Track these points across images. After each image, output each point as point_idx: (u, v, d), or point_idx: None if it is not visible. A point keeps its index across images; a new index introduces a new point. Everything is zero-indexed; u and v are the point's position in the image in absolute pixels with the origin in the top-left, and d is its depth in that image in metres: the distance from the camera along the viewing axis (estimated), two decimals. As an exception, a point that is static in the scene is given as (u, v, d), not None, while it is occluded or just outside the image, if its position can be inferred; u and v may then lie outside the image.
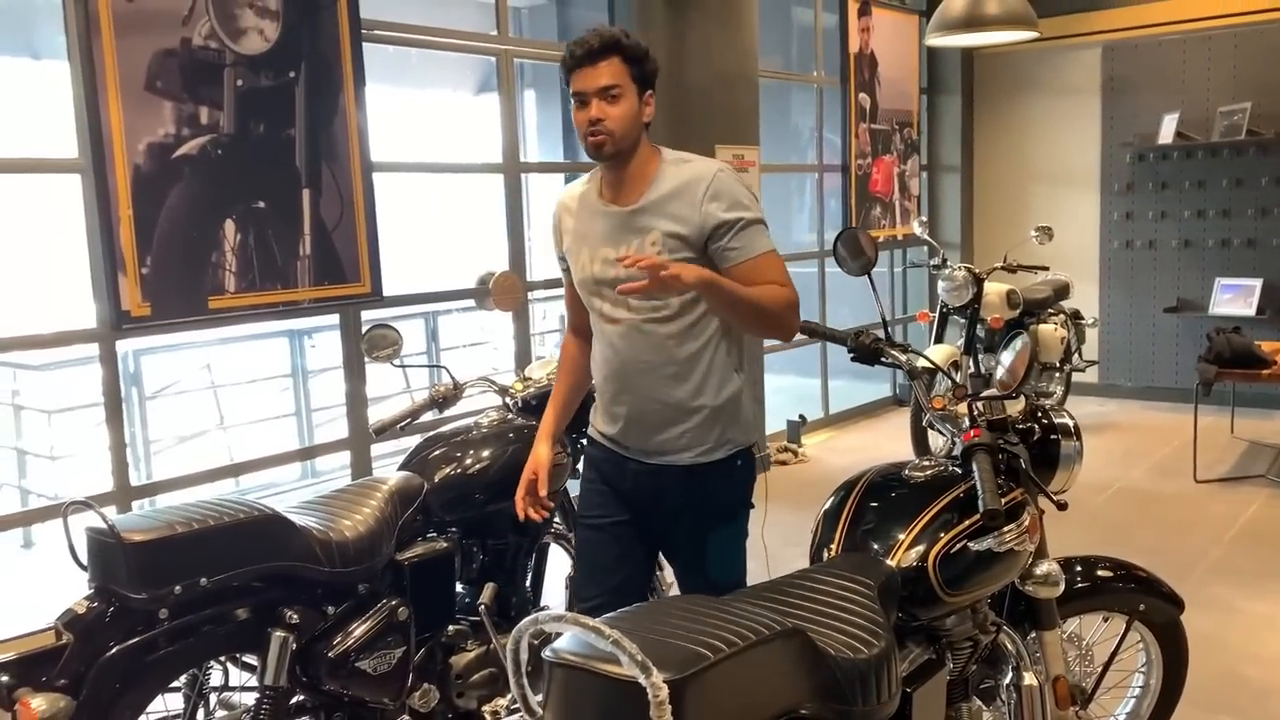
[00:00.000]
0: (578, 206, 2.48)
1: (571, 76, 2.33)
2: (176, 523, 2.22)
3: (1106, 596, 2.60)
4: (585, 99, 2.31)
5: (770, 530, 5.23)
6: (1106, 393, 7.97)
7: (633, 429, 2.44)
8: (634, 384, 2.41)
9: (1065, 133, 8.07)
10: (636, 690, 1.33)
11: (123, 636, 2.16)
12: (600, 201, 2.42)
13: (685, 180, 2.34)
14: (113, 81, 3.65)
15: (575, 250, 2.46)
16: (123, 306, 3.73)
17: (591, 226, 2.43)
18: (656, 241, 2.32)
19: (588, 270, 2.42)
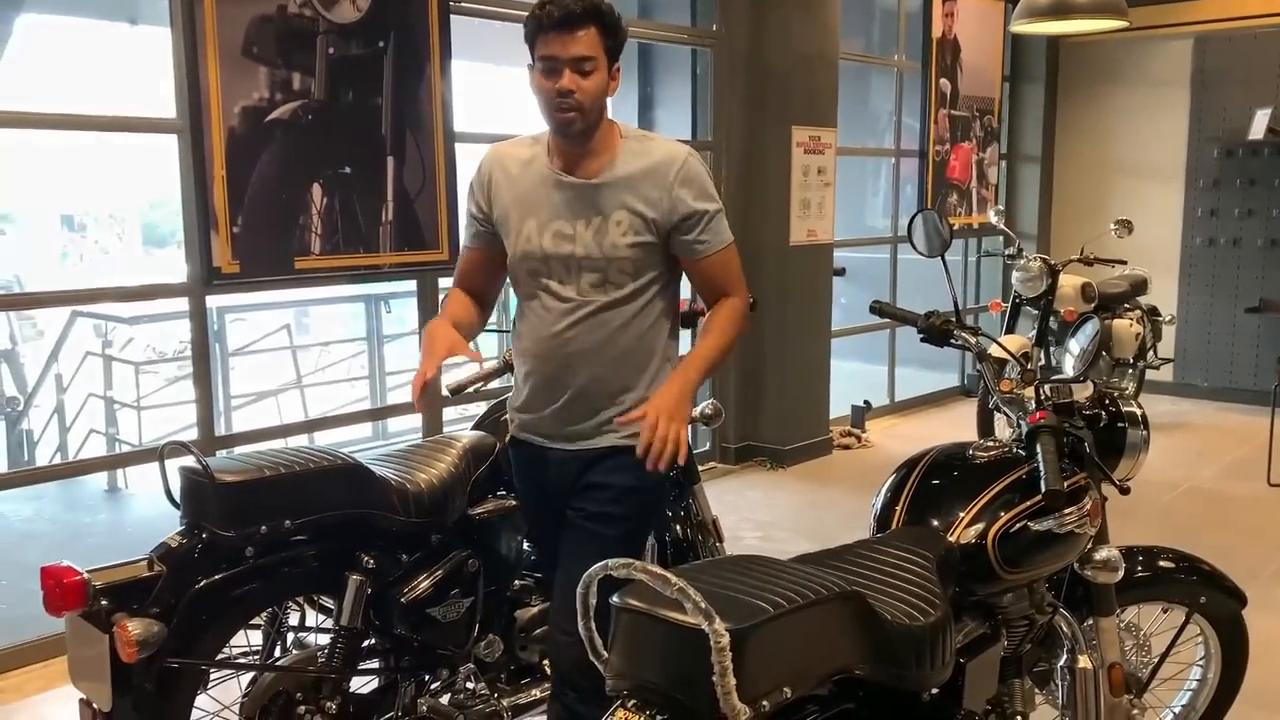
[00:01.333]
0: (520, 171, 2.28)
1: (540, 39, 2.13)
2: (265, 466, 2.33)
3: (1167, 587, 2.60)
4: (557, 67, 2.12)
5: (830, 512, 5.29)
6: (1181, 391, 7.82)
7: (560, 415, 2.30)
8: (574, 368, 2.26)
9: (1150, 125, 7.90)
10: (699, 636, 1.40)
11: (211, 571, 2.28)
12: (553, 170, 2.24)
13: (655, 161, 2.22)
14: (212, 46, 3.79)
15: (516, 219, 2.27)
16: (214, 263, 3.88)
17: (542, 196, 2.24)
18: (622, 221, 2.20)
19: (534, 242, 2.24)
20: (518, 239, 2.27)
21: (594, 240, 2.22)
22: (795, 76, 5.87)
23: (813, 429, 6.29)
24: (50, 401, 7.15)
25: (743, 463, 6.11)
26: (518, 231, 2.27)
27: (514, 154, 2.32)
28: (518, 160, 2.30)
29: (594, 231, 2.22)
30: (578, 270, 2.24)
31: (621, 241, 2.22)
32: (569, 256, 2.23)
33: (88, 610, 2.16)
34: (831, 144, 6.16)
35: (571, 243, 2.23)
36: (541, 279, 2.27)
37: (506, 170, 2.31)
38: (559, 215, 2.24)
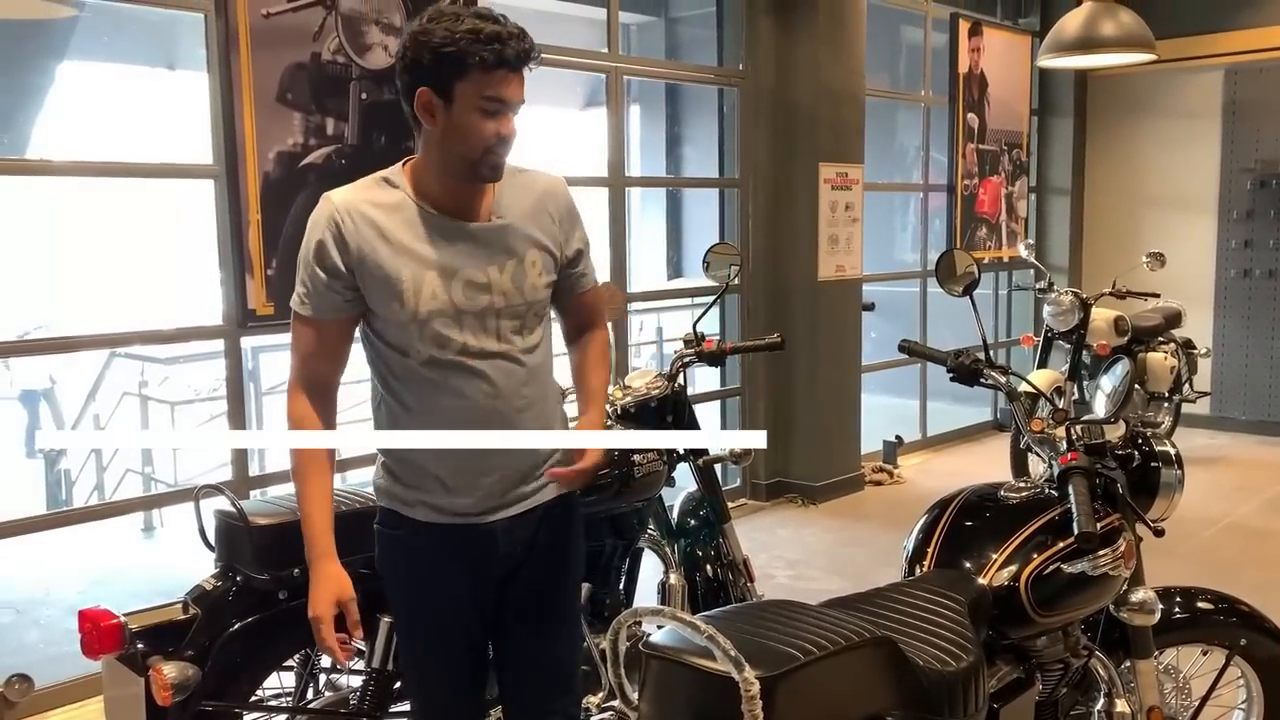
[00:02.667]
0: (389, 220, 1.94)
1: (489, 76, 1.85)
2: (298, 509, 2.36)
3: (1206, 629, 2.56)
4: (503, 110, 1.89)
5: (862, 549, 5.25)
6: (1218, 425, 7.72)
7: (500, 485, 2.03)
8: (508, 427, 2.01)
9: (1181, 157, 7.86)
10: (729, 685, 1.39)
11: (244, 614, 2.30)
12: (437, 215, 1.96)
13: (539, 193, 2.05)
14: (248, 93, 3.87)
15: (410, 276, 1.92)
16: (249, 305, 3.94)
17: (432, 246, 1.94)
18: (536, 262, 2.02)
19: (441, 298, 1.93)
20: (418, 299, 1.93)
21: (513, 285, 1.99)
22: (822, 113, 5.90)
23: (844, 465, 6.26)
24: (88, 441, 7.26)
25: (774, 499, 6.08)
26: (415, 290, 1.93)
27: (369, 200, 1.95)
28: (379, 208, 1.94)
29: (510, 276, 1.99)
30: (495, 320, 1.99)
31: (540, 282, 2.03)
32: (486, 309, 1.97)
33: (124, 653, 2.19)
34: (859, 180, 6.18)
35: (488, 292, 1.97)
36: (453, 340, 1.96)
37: (370, 220, 1.93)
38: (469, 263, 1.96)
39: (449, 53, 1.84)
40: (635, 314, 8.36)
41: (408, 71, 1.90)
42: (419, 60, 1.87)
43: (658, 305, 8.12)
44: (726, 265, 3.43)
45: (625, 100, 5.57)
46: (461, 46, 1.83)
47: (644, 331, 9.17)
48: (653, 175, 8.98)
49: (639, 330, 8.98)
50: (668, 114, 8.67)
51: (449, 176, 1.95)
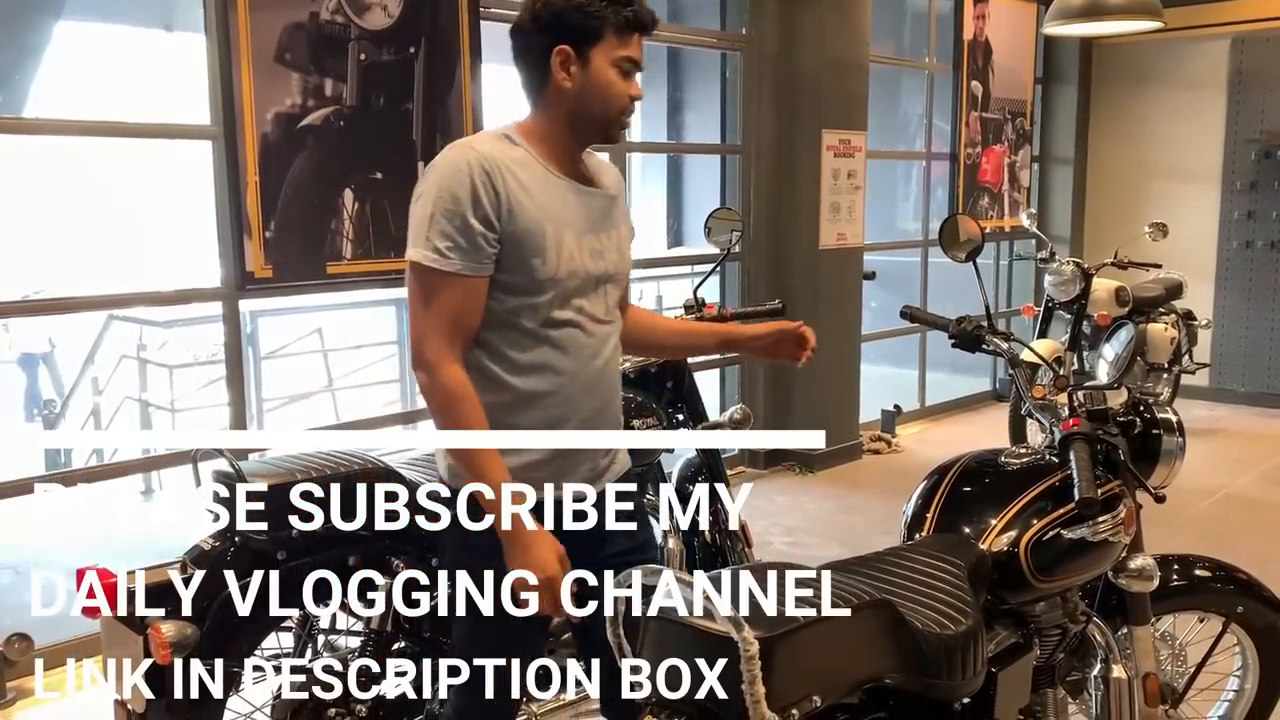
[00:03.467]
0: (526, 176, 1.89)
1: (623, 39, 1.91)
2: (296, 469, 2.36)
3: (1203, 596, 2.57)
4: (632, 71, 1.94)
5: (860, 517, 5.26)
6: (1218, 397, 7.72)
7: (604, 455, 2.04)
8: (611, 398, 2.05)
9: (1186, 127, 7.81)
10: (728, 644, 1.39)
11: (242, 573, 2.30)
12: (557, 176, 1.94)
13: (609, 171, 2.10)
14: (245, 53, 3.83)
15: (554, 234, 1.89)
16: (247, 268, 3.92)
17: (565, 206, 1.93)
18: (626, 236, 2.09)
19: (578, 260, 1.92)
20: (559, 257, 1.90)
21: (618, 254, 2.04)
22: (825, 80, 5.85)
23: (843, 433, 6.25)
24: (86, 404, 7.26)
25: (772, 467, 6.09)
26: (557, 248, 1.89)
27: (508, 155, 1.91)
28: (517, 163, 1.90)
29: (615, 245, 2.03)
30: (604, 286, 2.01)
31: (630, 256, 2.09)
32: (602, 274, 1.99)
33: (122, 611, 2.18)
34: (862, 147, 6.13)
35: (603, 259, 1.98)
36: (577, 301, 1.94)
37: (514, 175, 1.88)
38: (589, 229, 1.96)
39: (589, 12, 1.87)
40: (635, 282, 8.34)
41: (544, 31, 1.89)
42: (558, 19, 1.88)
43: (658, 273, 8.09)
44: (728, 230, 3.41)
45: (627, 64, 5.51)
46: (599, 8, 1.87)
47: (644, 300, 9.14)
48: (654, 141, 8.92)
49: (639, 298, 8.95)
50: (669, 79, 8.60)
51: (573, 139, 1.96)
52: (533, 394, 1.92)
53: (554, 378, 1.93)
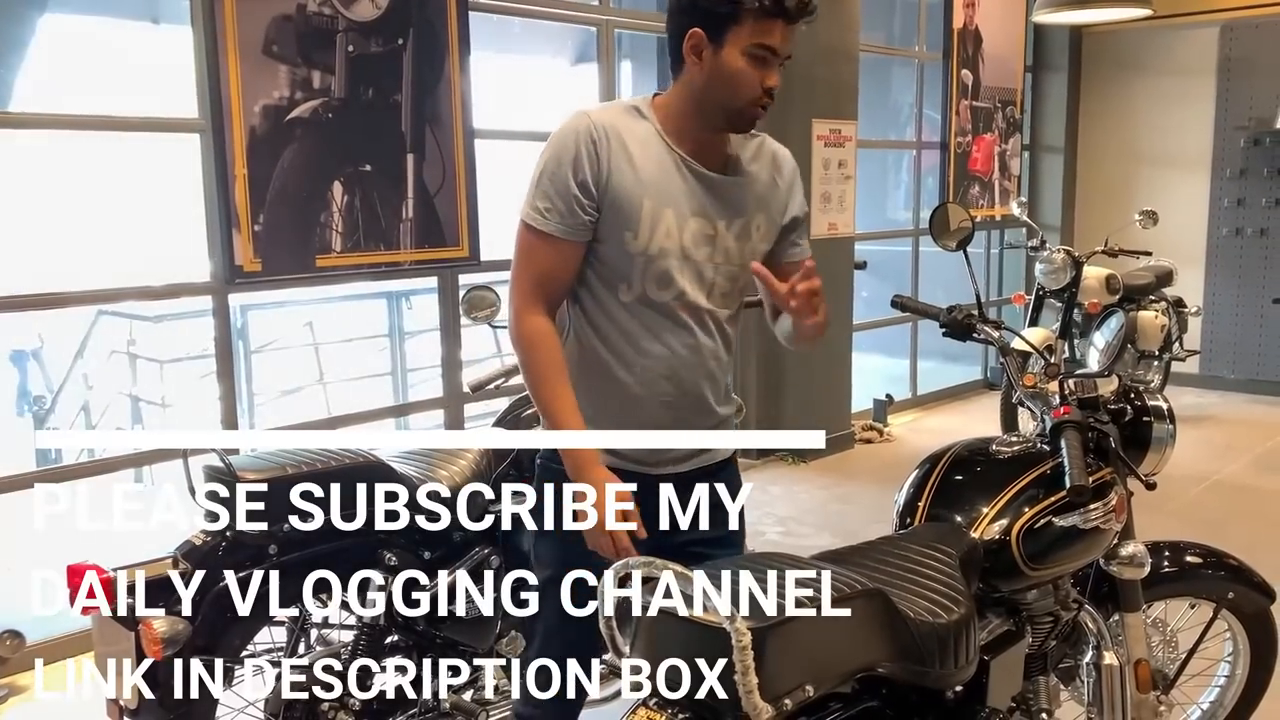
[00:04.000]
0: (639, 149, 1.91)
1: (761, 25, 1.83)
2: (288, 465, 2.35)
3: (1194, 582, 2.58)
4: (771, 60, 1.87)
5: (852, 506, 5.27)
6: (1208, 384, 7.75)
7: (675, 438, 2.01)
8: (695, 387, 2.01)
9: (1175, 115, 7.82)
10: (720, 635, 1.39)
11: (235, 568, 2.29)
12: (676, 155, 1.93)
13: (770, 158, 2.05)
14: (232, 45, 3.81)
15: (652, 209, 1.89)
16: (236, 262, 3.90)
17: (676, 185, 1.92)
18: (761, 226, 2.01)
19: (674, 239, 1.91)
20: (653, 232, 1.90)
21: (736, 245, 1.98)
22: (815, 69, 5.84)
23: (834, 423, 6.26)
24: (77, 400, 7.22)
25: (764, 457, 6.10)
26: (653, 223, 1.90)
27: (625, 126, 1.91)
28: (633, 135, 1.91)
29: (736, 235, 1.98)
30: (713, 274, 1.97)
31: (760, 249, 2.03)
32: (707, 261, 1.96)
33: (114, 608, 2.18)
34: (852, 137, 6.13)
35: (711, 244, 1.95)
36: (674, 283, 1.94)
37: (624, 144, 1.90)
38: (700, 211, 1.94)
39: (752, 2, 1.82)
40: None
41: (682, 11, 1.88)
42: (694, 1, 1.85)
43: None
44: None
45: (617, 55, 5.50)
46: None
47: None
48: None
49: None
50: (659, 69, 8.56)
51: (701, 122, 1.93)
52: (616, 366, 1.96)
53: (640, 359, 1.96)
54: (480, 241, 4.60)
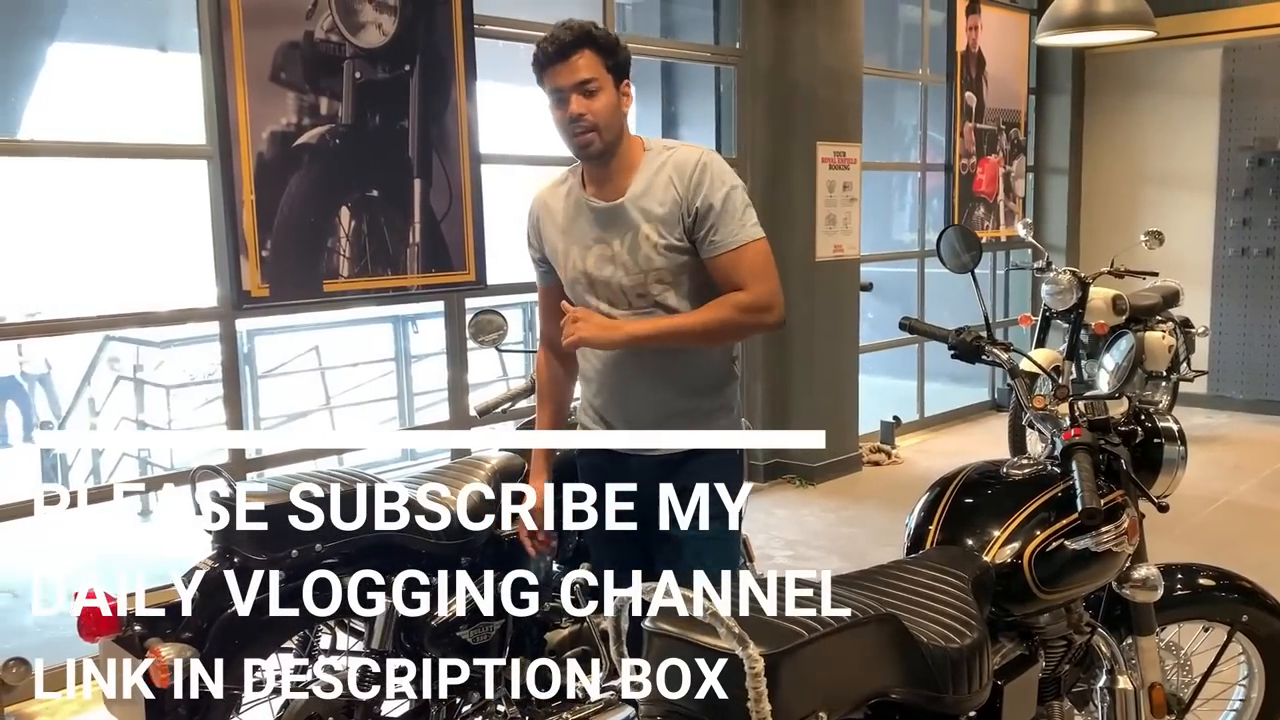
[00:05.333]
0: (561, 204, 2.39)
1: (545, 74, 2.24)
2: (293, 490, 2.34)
3: (1208, 605, 2.56)
4: (564, 96, 2.22)
5: (860, 529, 5.24)
6: (1216, 404, 7.72)
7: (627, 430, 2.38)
8: (630, 385, 2.36)
9: (1179, 135, 7.83)
10: (733, 662, 1.38)
11: (241, 594, 2.28)
12: (586, 196, 2.34)
13: (671, 165, 2.28)
14: (240, 72, 3.83)
15: (563, 249, 2.37)
16: (243, 287, 3.91)
17: (579, 224, 2.35)
18: (650, 234, 2.27)
19: (579, 267, 2.34)
20: (566, 267, 2.37)
21: (630, 256, 2.29)
22: (819, 92, 5.86)
23: (842, 445, 6.24)
24: (83, 425, 7.23)
25: (771, 480, 6.08)
26: (565, 260, 2.37)
27: (552, 191, 2.43)
28: (557, 196, 2.41)
29: (628, 247, 2.29)
30: (619, 287, 2.32)
31: (654, 254, 2.28)
32: (610, 277, 2.32)
33: (121, 635, 2.17)
34: (857, 159, 6.14)
35: (611, 262, 2.31)
36: (592, 300, 2.34)
37: (548, 208, 2.42)
38: (597, 239, 2.33)
39: (532, 67, 2.27)
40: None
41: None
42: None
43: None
44: None
45: (621, 79, 5.52)
46: (532, 59, 2.26)
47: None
48: (649, 156, 8.91)
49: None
50: (664, 93, 8.60)
51: (582, 161, 2.34)
52: (581, 369, 2.47)
53: (584, 361, 2.45)
54: (486, 266, 4.61)
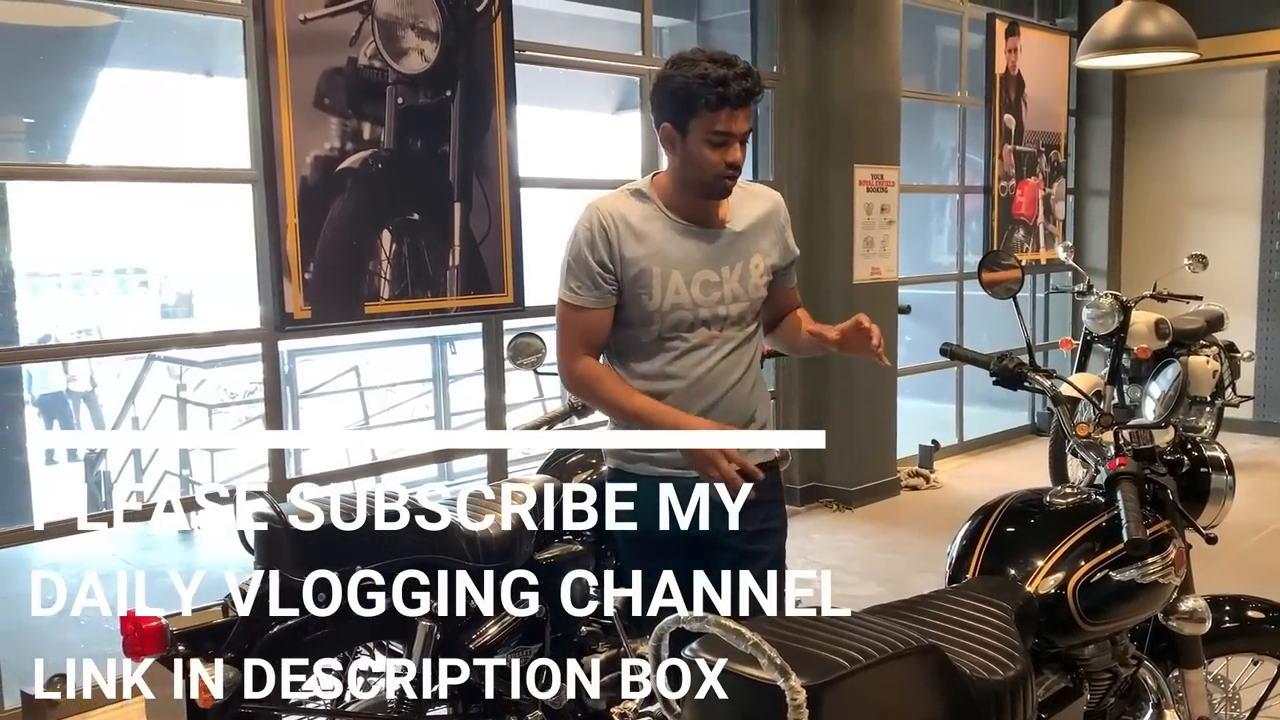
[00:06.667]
0: (644, 225, 2.31)
1: (720, 115, 2.18)
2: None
3: (1257, 638, 2.51)
4: (730, 142, 2.21)
5: (899, 555, 5.20)
6: (1262, 430, 7.58)
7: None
8: (719, 402, 2.37)
9: (1223, 158, 7.73)
10: (774, 693, 1.37)
11: (284, 616, 2.30)
12: (678, 220, 2.32)
13: (768, 208, 2.43)
14: (285, 98, 3.90)
15: (661, 274, 2.30)
16: (286, 309, 3.96)
17: (680, 248, 2.31)
18: (759, 265, 2.39)
19: (685, 294, 2.31)
20: (664, 293, 2.30)
21: (740, 283, 2.36)
22: (857, 115, 5.86)
23: (880, 469, 6.20)
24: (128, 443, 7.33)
25: (809, 504, 6.04)
26: (663, 285, 2.30)
27: (629, 208, 2.33)
28: (636, 215, 2.33)
29: (739, 275, 2.36)
30: (725, 312, 2.36)
31: (761, 283, 2.40)
32: (718, 302, 2.34)
33: (165, 655, 2.19)
34: (894, 182, 6.13)
35: (719, 289, 2.34)
36: (688, 326, 2.34)
37: (629, 225, 2.31)
38: (704, 264, 2.33)
39: (682, 95, 2.19)
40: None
41: (656, 108, 2.27)
42: (661, 101, 2.25)
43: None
44: None
45: (659, 103, 5.55)
46: (693, 90, 2.17)
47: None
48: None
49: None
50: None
51: (688, 195, 2.31)
52: (652, 394, 2.33)
53: (667, 382, 2.35)
54: (525, 288, 4.64)
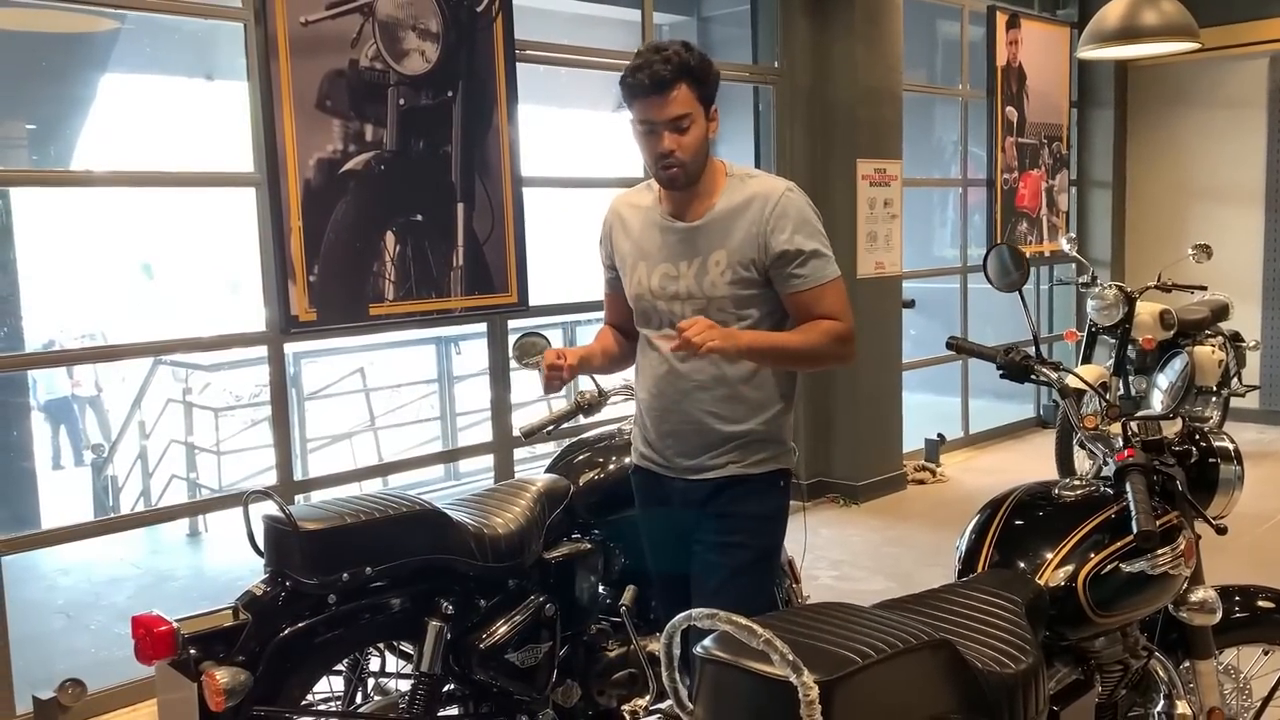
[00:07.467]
0: (636, 219, 2.42)
1: (636, 104, 2.21)
2: (346, 514, 2.37)
3: (1268, 628, 2.50)
4: (655, 130, 2.21)
5: (906, 549, 5.19)
6: (1268, 419, 7.56)
7: (674, 447, 2.39)
8: (683, 403, 2.36)
9: (1227, 147, 7.71)
10: (787, 689, 1.37)
11: (294, 619, 2.31)
12: (662, 215, 2.37)
13: (749, 198, 2.30)
14: (287, 101, 3.90)
15: (631, 264, 2.40)
16: (291, 312, 3.96)
17: (651, 241, 2.38)
18: (720, 261, 2.29)
19: (644, 285, 2.37)
20: (633, 282, 2.41)
21: (695, 280, 2.32)
22: (859, 109, 5.85)
23: (886, 464, 6.20)
24: (134, 447, 7.35)
25: (815, 499, 6.04)
26: (632, 275, 2.41)
27: (631, 202, 2.46)
28: (633, 208, 2.44)
29: (695, 272, 2.32)
30: (681, 308, 2.33)
31: (720, 280, 2.30)
32: (674, 296, 2.34)
33: (177, 659, 2.20)
34: (897, 176, 6.12)
35: (676, 283, 2.34)
36: (653, 319, 2.39)
37: (623, 219, 2.46)
38: (665, 259, 2.35)
39: (620, 90, 2.26)
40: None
41: None
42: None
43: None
44: None
45: (661, 100, 5.54)
46: (621, 84, 2.25)
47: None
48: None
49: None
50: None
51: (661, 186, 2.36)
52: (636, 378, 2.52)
53: (639, 372, 2.49)
54: (529, 287, 4.64)
